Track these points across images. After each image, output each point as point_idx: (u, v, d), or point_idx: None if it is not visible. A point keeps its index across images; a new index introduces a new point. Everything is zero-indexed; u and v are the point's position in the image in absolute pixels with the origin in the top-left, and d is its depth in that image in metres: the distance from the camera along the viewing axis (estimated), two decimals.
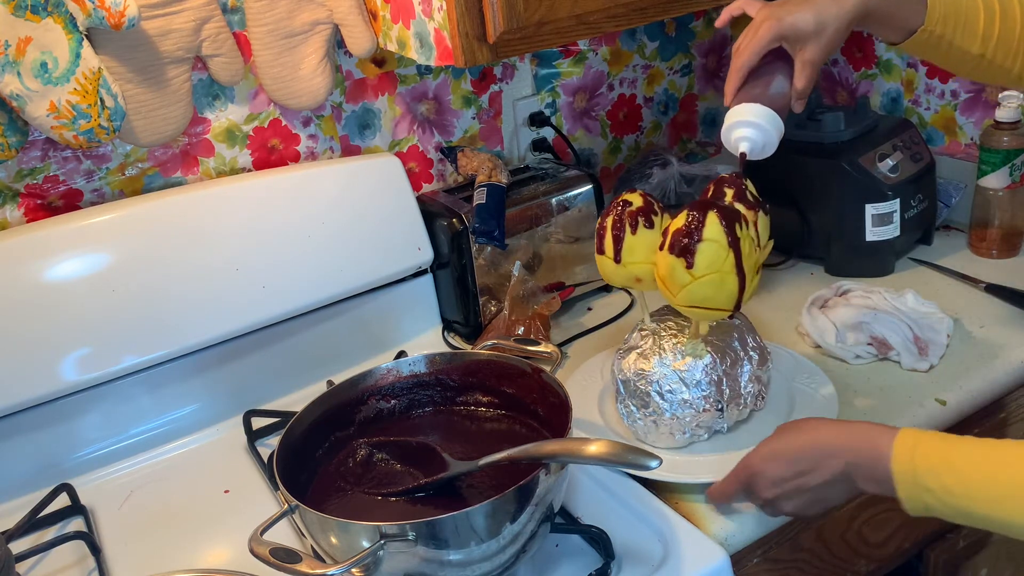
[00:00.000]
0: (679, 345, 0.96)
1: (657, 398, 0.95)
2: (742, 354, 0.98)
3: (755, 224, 0.92)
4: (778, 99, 0.92)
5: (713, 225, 0.86)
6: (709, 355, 0.95)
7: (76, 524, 1.01)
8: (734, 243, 0.87)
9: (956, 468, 0.73)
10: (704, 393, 0.95)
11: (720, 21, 1.00)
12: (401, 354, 1.25)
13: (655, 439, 0.98)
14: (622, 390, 0.98)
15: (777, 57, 0.93)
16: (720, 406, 0.96)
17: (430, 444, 0.91)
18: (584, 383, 1.12)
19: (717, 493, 0.90)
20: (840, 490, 0.82)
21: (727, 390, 0.96)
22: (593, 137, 1.54)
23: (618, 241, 0.94)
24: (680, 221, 0.88)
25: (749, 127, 0.90)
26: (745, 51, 0.92)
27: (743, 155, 0.91)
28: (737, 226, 0.87)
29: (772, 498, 0.86)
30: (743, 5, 0.98)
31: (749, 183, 0.96)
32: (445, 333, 1.31)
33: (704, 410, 0.95)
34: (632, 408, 0.97)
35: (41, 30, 0.97)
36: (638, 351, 0.98)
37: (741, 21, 0.98)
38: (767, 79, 0.93)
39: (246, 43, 1.17)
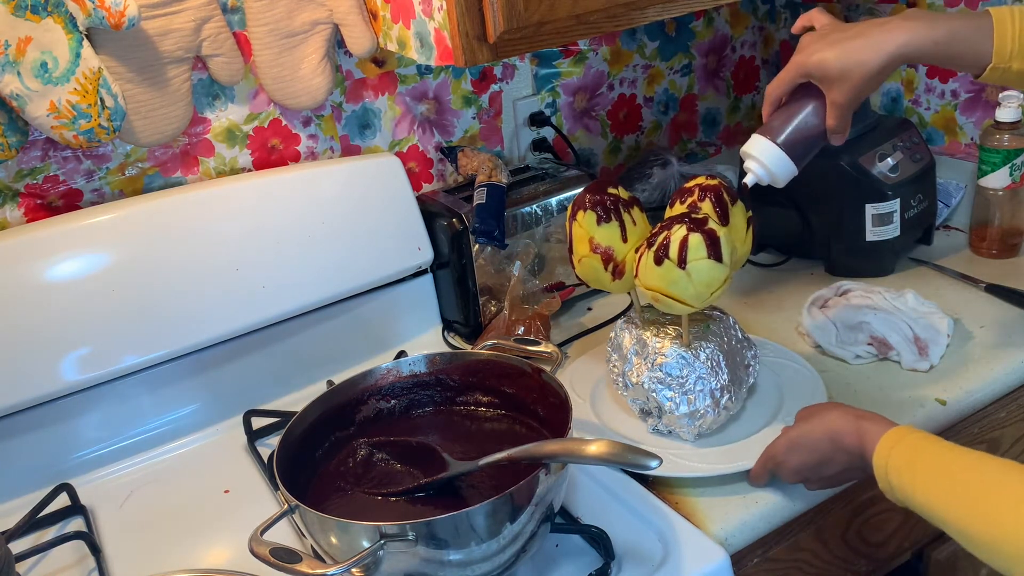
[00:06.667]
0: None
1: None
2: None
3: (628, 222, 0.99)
4: (805, 131, 0.93)
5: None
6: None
7: (76, 524, 1.01)
8: (568, 221, 1.02)
9: (915, 467, 0.77)
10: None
11: (796, 27, 0.98)
12: (401, 354, 1.25)
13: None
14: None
15: (815, 89, 0.92)
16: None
17: (430, 444, 0.91)
18: (584, 383, 1.12)
19: (754, 478, 0.94)
20: (855, 474, 0.88)
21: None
22: (593, 137, 1.54)
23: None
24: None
25: (755, 163, 0.94)
26: (775, 82, 0.93)
27: (745, 186, 0.96)
28: (580, 212, 1.00)
29: (796, 482, 0.92)
30: (812, 17, 0.95)
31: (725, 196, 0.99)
32: (445, 333, 1.31)
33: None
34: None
35: (41, 30, 0.97)
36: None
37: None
38: (794, 110, 0.93)
39: (246, 43, 1.17)
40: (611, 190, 1.01)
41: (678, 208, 1.00)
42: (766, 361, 1.10)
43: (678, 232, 0.91)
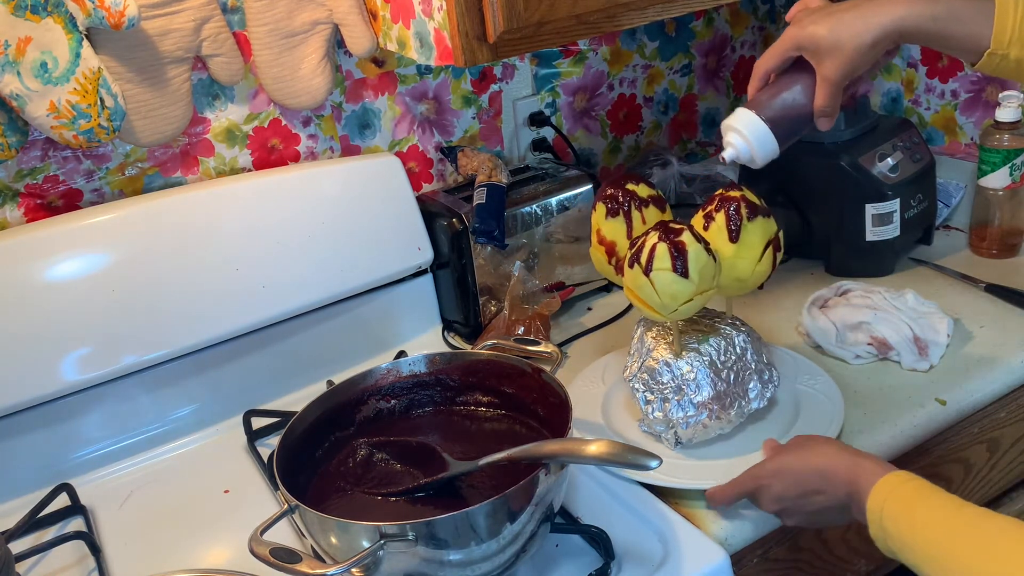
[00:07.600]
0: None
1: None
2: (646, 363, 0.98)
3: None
4: (793, 110, 0.90)
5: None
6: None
7: (76, 524, 1.01)
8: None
9: (911, 519, 0.73)
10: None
11: (791, 14, 0.94)
12: (401, 354, 1.25)
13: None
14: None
15: (807, 68, 0.90)
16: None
17: (430, 444, 0.91)
18: (586, 384, 1.12)
19: (718, 496, 0.90)
20: (840, 515, 0.83)
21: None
22: (593, 137, 1.54)
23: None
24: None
25: (737, 137, 0.91)
26: (765, 55, 0.90)
27: (722, 159, 0.93)
28: (598, 202, 1.01)
29: (774, 511, 0.87)
30: (807, 2, 0.92)
31: (747, 193, 0.96)
32: (445, 333, 1.31)
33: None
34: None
35: (41, 30, 0.97)
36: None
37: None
38: (783, 87, 0.90)
39: (246, 43, 1.17)
40: (630, 186, 1.00)
41: (697, 216, 0.99)
42: (792, 388, 1.05)
43: (651, 238, 0.90)
